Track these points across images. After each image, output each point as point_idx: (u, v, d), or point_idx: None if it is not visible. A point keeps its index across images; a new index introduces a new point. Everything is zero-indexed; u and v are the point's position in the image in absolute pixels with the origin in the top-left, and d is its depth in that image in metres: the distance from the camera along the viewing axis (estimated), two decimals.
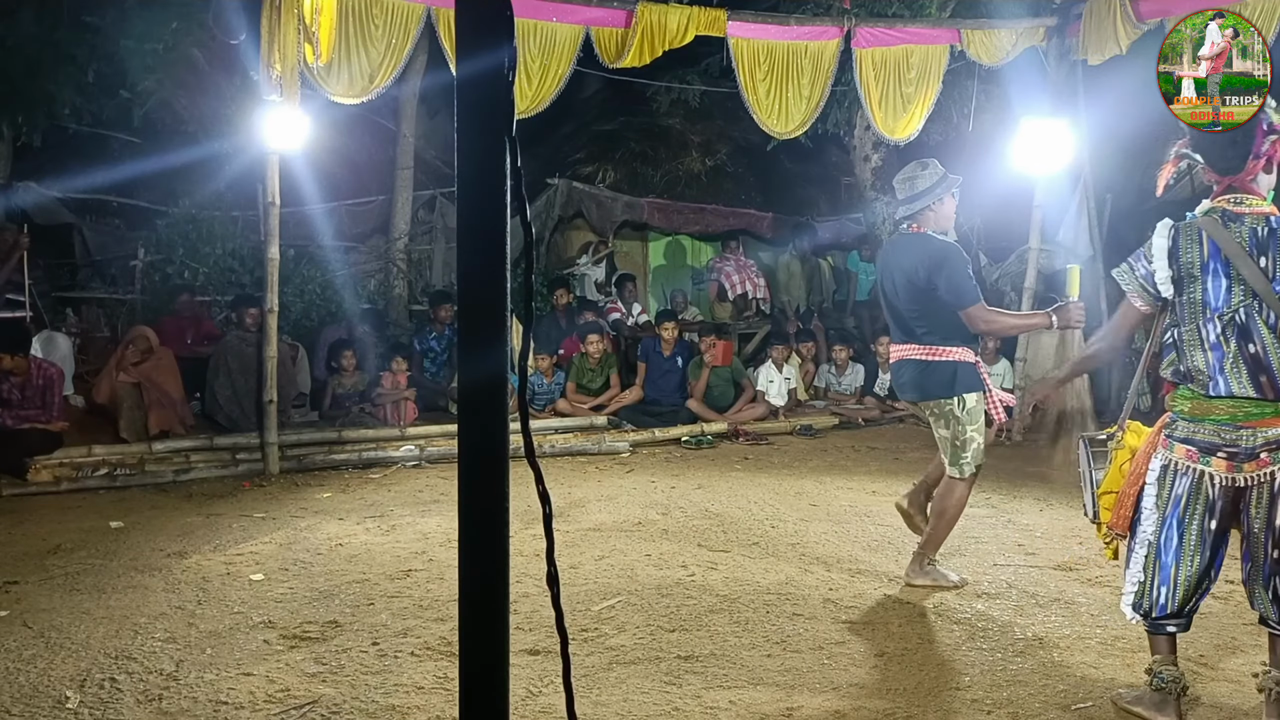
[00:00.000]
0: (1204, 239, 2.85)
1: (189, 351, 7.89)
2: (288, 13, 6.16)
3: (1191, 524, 2.90)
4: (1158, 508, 2.97)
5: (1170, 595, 2.94)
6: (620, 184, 12.25)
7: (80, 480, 6.18)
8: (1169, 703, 2.96)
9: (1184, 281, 2.88)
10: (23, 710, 3.07)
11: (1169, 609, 2.95)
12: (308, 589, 4.23)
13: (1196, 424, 2.89)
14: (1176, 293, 2.90)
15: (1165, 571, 2.94)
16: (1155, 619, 2.99)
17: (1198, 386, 2.87)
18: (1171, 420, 2.98)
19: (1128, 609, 3.05)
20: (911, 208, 4.30)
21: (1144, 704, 3.02)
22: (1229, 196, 2.88)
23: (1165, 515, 2.95)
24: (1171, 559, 2.93)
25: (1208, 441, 2.87)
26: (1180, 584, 2.93)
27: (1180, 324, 2.91)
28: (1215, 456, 2.86)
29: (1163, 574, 2.94)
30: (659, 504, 5.79)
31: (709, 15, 7.42)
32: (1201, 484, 2.88)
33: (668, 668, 3.40)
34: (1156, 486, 2.98)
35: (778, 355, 8.76)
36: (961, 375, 4.17)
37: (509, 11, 1.15)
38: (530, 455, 1.27)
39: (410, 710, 3.07)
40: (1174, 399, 2.98)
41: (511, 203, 1.17)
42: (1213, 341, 2.83)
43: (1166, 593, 2.94)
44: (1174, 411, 2.97)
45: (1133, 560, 3.04)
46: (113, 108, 9.59)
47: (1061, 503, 5.79)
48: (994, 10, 8.48)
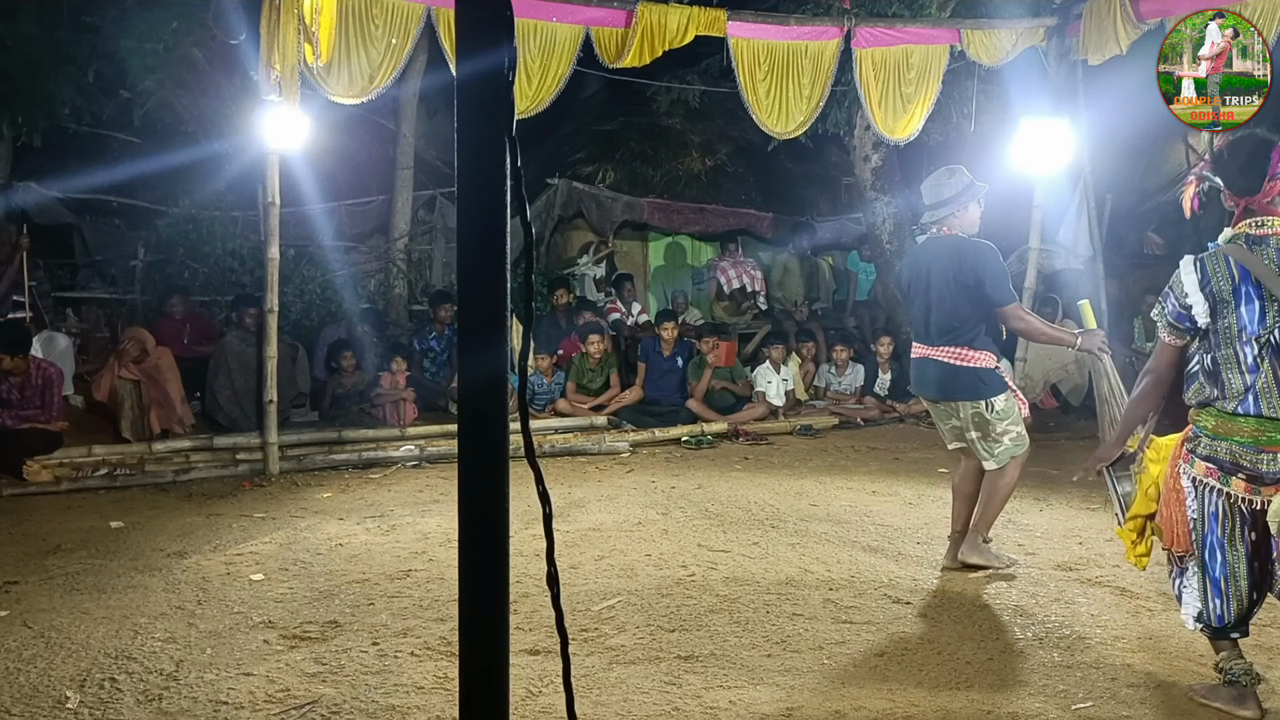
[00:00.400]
0: (1231, 264, 2.88)
1: (187, 352, 7.88)
2: (287, 13, 6.16)
3: (1233, 538, 2.95)
4: (1201, 525, 3.01)
5: (1226, 608, 2.99)
6: (620, 184, 12.24)
7: (80, 480, 6.18)
8: (1248, 695, 3.00)
9: (1217, 309, 2.90)
10: (23, 710, 3.07)
11: (1227, 620, 3.01)
12: (308, 589, 4.23)
13: (1218, 442, 2.93)
14: (1211, 320, 2.92)
15: (1216, 587, 3.00)
16: (1216, 629, 3.04)
17: (1225, 404, 2.90)
18: (1194, 435, 3.02)
19: (1189, 621, 3.10)
20: (937, 214, 4.44)
21: (1221, 698, 3.06)
22: (1250, 221, 2.91)
23: (1204, 533, 3.00)
24: (1219, 574, 2.98)
25: (1229, 461, 2.91)
26: (1233, 597, 2.98)
27: (1216, 349, 2.92)
28: (1235, 477, 2.90)
29: (1214, 589, 3.00)
30: (659, 504, 5.79)
31: (709, 15, 7.41)
32: (1232, 503, 2.93)
33: (668, 668, 3.40)
34: (1197, 504, 3.02)
35: (776, 355, 8.76)
36: (987, 380, 4.35)
37: (509, 11, 1.15)
38: (530, 455, 1.28)
39: (410, 710, 3.07)
40: (1199, 414, 3.01)
41: (511, 203, 1.18)
42: (1249, 364, 2.86)
43: (1222, 605, 3.00)
44: (1197, 426, 3.01)
45: (1188, 575, 3.09)
46: (113, 108, 9.58)
47: (1061, 503, 5.79)
48: (994, 10, 8.47)
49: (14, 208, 9.29)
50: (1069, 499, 5.86)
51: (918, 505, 5.75)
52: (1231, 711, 3.01)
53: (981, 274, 4.27)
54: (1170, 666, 3.41)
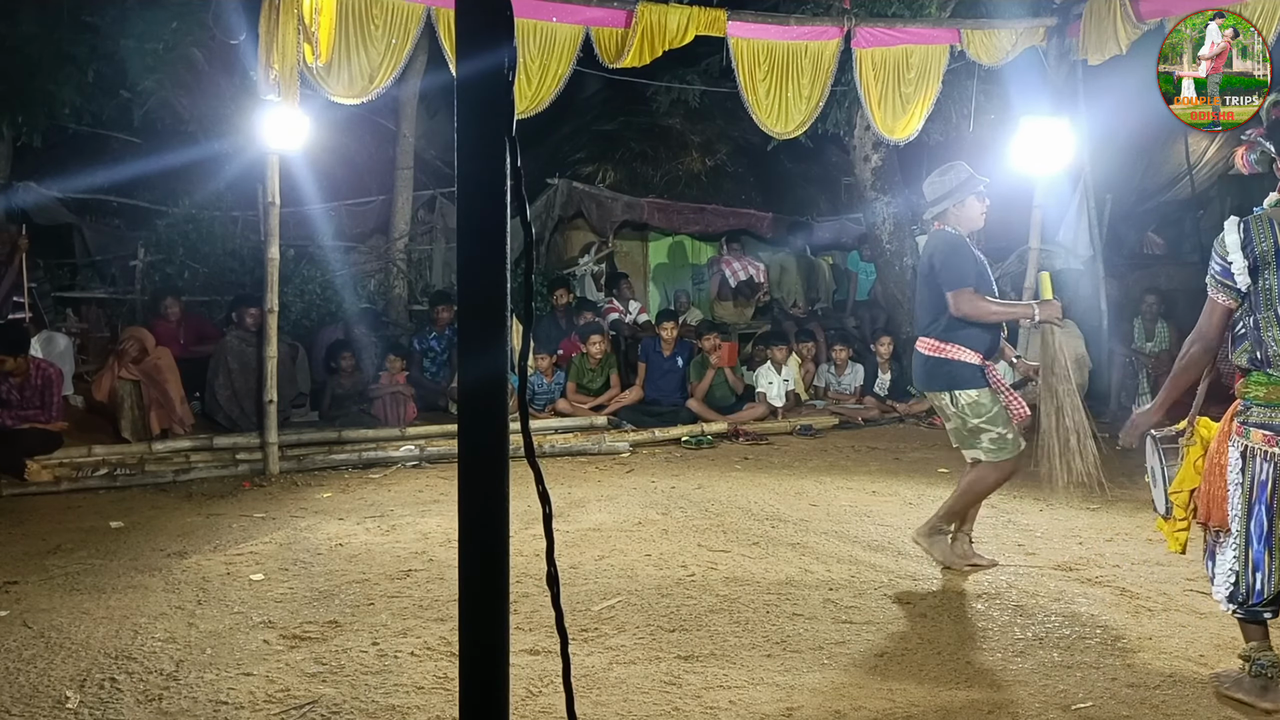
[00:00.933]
0: (1275, 228, 2.92)
1: (184, 353, 7.88)
2: (287, 13, 6.16)
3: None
4: (1243, 496, 3.00)
5: (1266, 581, 2.98)
6: (620, 184, 12.24)
7: (80, 480, 6.18)
8: (1272, 687, 3.00)
9: (1259, 270, 2.95)
10: (23, 710, 3.07)
11: (1265, 595, 2.99)
12: (308, 589, 4.23)
13: (1273, 409, 2.94)
14: (1252, 281, 2.97)
15: (1259, 558, 2.98)
16: (1251, 605, 3.03)
17: (1275, 369, 2.92)
18: (1245, 407, 3.03)
19: (1223, 600, 3.09)
20: (936, 208, 4.51)
21: (1244, 689, 3.05)
22: None
23: (1251, 502, 2.99)
24: (1263, 545, 2.97)
25: None
26: (1275, 570, 2.96)
27: (1256, 310, 2.96)
28: None
29: (1256, 560, 2.99)
30: (659, 504, 5.79)
31: (709, 15, 7.41)
32: None
33: (668, 668, 3.40)
34: (1240, 475, 3.02)
35: (779, 356, 8.76)
36: (956, 373, 4.35)
37: (509, 11, 1.15)
38: (530, 455, 1.28)
39: (410, 710, 3.07)
40: (1247, 385, 3.02)
41: (511, 203, 1.18)
42: None
43: (1262, 579, 2.98)
44: (1246, 398, 3.02)
45: (1223, 550, 3.08)
46: (113, 108, 9.59)
47: (1061, 503, 5.79)
48: (994, 10, 8.47)
49: (14, 208, 9.29)
50: (1069, 499, 5.85)
51: (918, 505, 5.75)
52: (1254, 703, 3.01)
53: (936, 263, 4.36)
54: (1170, 666, 3.41)
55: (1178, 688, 3.24)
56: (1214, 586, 3.15)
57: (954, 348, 4.34)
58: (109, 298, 9.98)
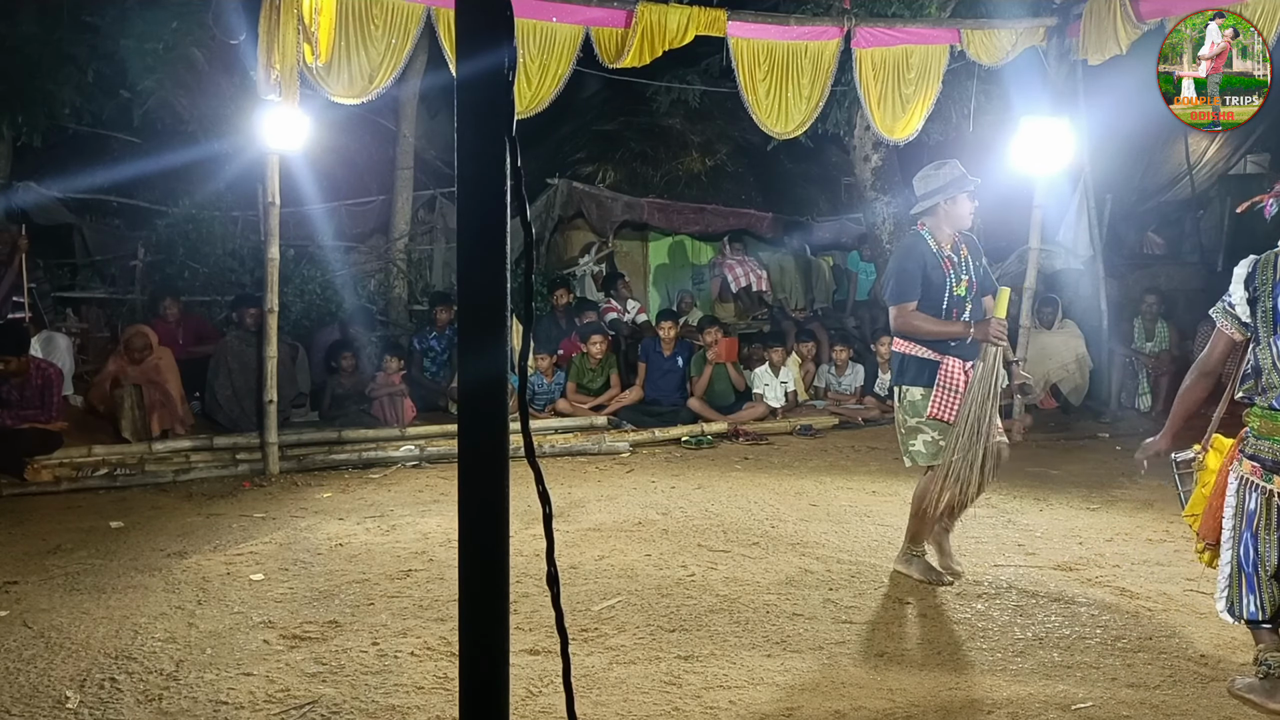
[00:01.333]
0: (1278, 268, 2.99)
1: (183, 354, 7.88)
2: (287, 13, 6.15)
3: (1267, 537, 2.99)
4: (1235, 521, 3.07)
5: (1258, 604, 3.04)
6: (620, 184, 12.24)
7: (80, 480, 6.18)
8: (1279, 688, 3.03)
9: (1257, 301, 3.01)
10: (23, 710, 3.07)
11: (1260, 616, 3.05)
12: (308, 589, 4.23)
13: (1262, 441, 3.01)
14: (1251, 313, 3.03)
15: (1250, 582, 3.04)
16: (1249, 621, 3.09)
17: (1266, 401, 2.98)
18: (1245, 435, 3.10)
19: (1223, 613, 3.15)
20: (923, 205, 4.42)
21: (1257, 691, 3.08)
22: None
23: (1240, 530, 3.05)
24: (1252, 570, 3.03)
25: (1270, 460, 2.97)
26: (1265, 593, 3.02)
27: (1257, 342, 3.03)
28: (1277, 475, 2.96)
29: (1248, 584, 3.05)
30: (659, 504, 5.79)
31: (709, 15, 7.41)
32: (1271, 499, 2.98)
33: (668, 668, 3.40)
34: (1235, 499, 3.08)
35: (776, 358, 8.75)
36: (906, 367, 4.31)
37: (509, 11, 1.15)
38: (530, 455, 1.28)
39: (410, 710, 3.07)
40: (1248, 415, 3.09)
41: (511, 203, 1.18)
42: None
43: (1255, 601, 3.04)
44: (1248, 426, 3.09)
45: (1221, 568, 3.15)
46: (113, 108, 9.58)
47: (1061, 503, 5.79)
48: (994, 10, 8.47)
49: (14, 208, 9.28)
50: (1069, 499, 5.86)
51: None
52: (1263, 703, 3.04)
53: (890, 269, 4.38)
54: (1170, 667, 3.42)
55: (1178, 688, 3.24)
56: (1215, 597, 3.20)
57: (909, 344, 4.32)
58: (109, 298, 9.97)
